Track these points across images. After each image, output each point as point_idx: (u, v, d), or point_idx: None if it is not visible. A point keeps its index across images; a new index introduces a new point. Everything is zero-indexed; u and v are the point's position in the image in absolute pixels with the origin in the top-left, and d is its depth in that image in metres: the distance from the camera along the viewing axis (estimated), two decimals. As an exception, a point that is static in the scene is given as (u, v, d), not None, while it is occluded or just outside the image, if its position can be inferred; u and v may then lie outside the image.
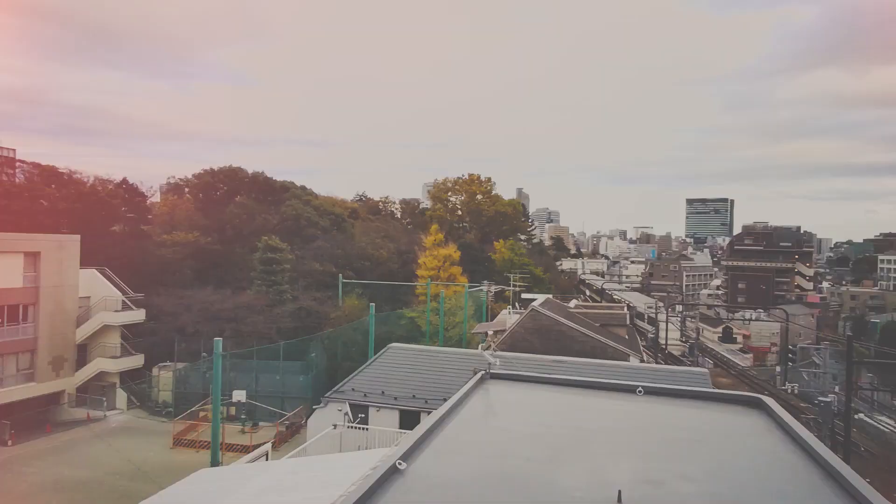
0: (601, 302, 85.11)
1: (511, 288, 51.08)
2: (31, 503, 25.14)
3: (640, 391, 7.54)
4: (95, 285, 42.71)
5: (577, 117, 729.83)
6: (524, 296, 48.86)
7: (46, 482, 27.37)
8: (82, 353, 41.49)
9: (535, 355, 21.10)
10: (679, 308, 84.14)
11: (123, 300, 43.17)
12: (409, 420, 17.20)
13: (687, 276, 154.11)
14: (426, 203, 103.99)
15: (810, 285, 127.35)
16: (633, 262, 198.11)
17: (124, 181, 61.80)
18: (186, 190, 69.05)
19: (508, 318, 36.34)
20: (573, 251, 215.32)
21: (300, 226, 59.67)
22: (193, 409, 36.58)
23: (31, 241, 38.96)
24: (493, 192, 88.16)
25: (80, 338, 40.82)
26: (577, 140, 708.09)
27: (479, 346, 32.95)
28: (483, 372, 10.28)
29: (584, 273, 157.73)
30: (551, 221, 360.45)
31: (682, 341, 73.67)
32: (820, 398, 30.86)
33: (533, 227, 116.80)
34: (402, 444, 6.76)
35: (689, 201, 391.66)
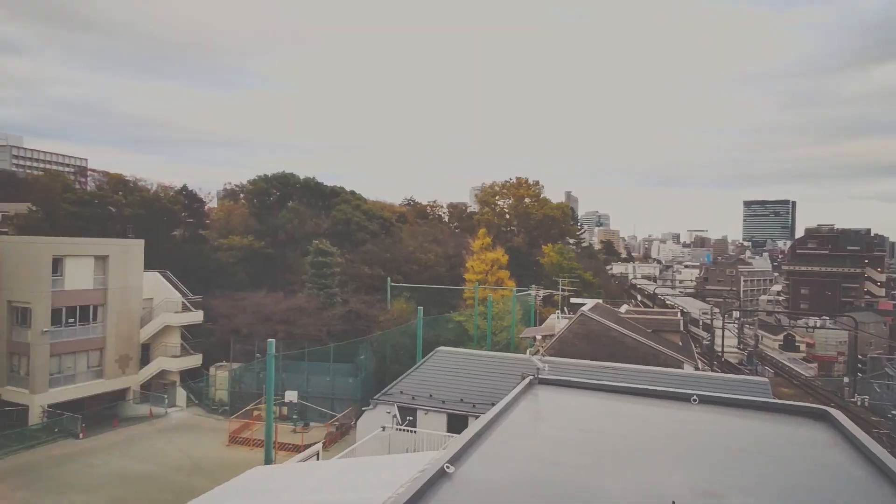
0: (653, 307, 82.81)
1: (560, 292, 50.41)
2: (99, 493, 26.50)
3: (694, 399, 7.30)
4: (158, 287, 44.73)
5: (626, 118, 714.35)
6: (573, 300, 48.10)
7: (113, 474, 28.81)
8: (145, 352, 43.49)
9: (584, 361, 20.72)
10: (736, 314, 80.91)
11: (183, 302, 45.04)
12: (456, 424, 17.19)
13: (745, 281, 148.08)
14: (474, 207, 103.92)
15: (882, 291, 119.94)
16: (686, 266, 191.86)
17: (184, 188, 64.65)
18: (241, 195, 71.55)
19: (557, 322, 35.84)
20: (624, 255, 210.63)
21: (350, 230, 60.73)
22: (248, 408, 37.73)
23: (100, 245, 41.23)
24: (542, 196, 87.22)
25: (143, 337, 42.81)
26: (626, 141, 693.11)
27: (527, 351, 32.64)
28: (531, 377, 10.18)
29: (635, 277, 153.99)
30: (601, 225, 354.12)
31: (739, 349, 70.82)
32: (894, 412, 29.05)
33: (582, 230, 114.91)
34: (450, 448, 6.77)
35: (747, 203, 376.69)
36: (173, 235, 58.80)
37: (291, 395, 36.68)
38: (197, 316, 44.87)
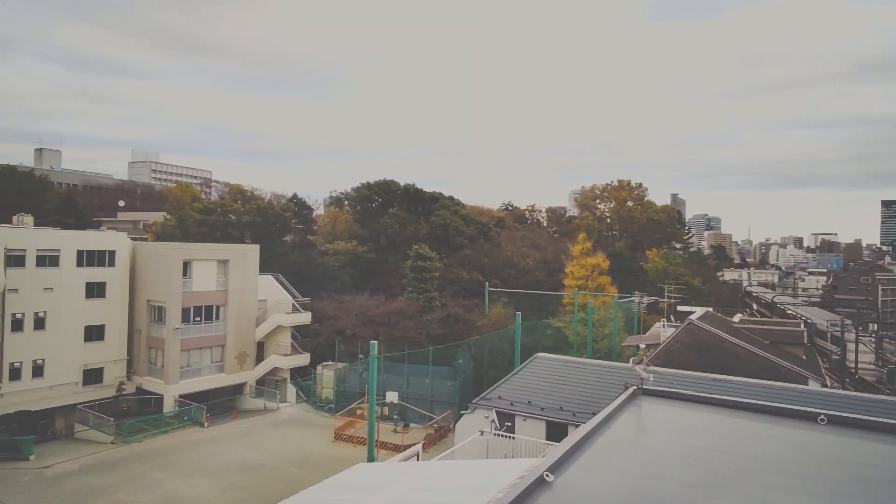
0: (771, 317, 76.44)
1: (665, 300, 48.01)
2: (222, 478, 28.80)
3: (822, 419, 6.67)
4: (271, 289, 47.93)
5: (738, 113, 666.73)
6: (680, 308, 45.62)
7: (233, 462, 31.20)
8: (259, 350, 46.70)
9: (692, 372, 19.55)
10: (873, 326, 72.57)
11: (293, 303, 47.93)
12: (555, 432, 16.87)
13: (883, 289, 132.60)
14: (573, 211, 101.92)
15: None
16: (810, 273, 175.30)
17: (294, 196, 68.86)
18: (346, 202, 74.91)
19: (662, 331, 34.15)
20: (737, 261, 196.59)
21: (448, 235, 61.64)
22: (351, 406, 39.36)
23: (222, 251, 44.94)
24: (645, 199, 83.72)
25: (258, 336, 46.01)
26: (739, 139, 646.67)
27: (630, 360, 31.39)
28: (635, 387, 9.81)
29: (749, 285, 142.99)
30: (711, 228, 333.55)
31: (877, 366, 63.43)
32: None
33: (689, 234, 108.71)
34: (550, 456, 6.66)
35: (886, 203, 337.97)
36: (284, 241, 62.68)
37: (392, 396, 37.76)
38: (305, 317, 47.53)
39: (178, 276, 41.03)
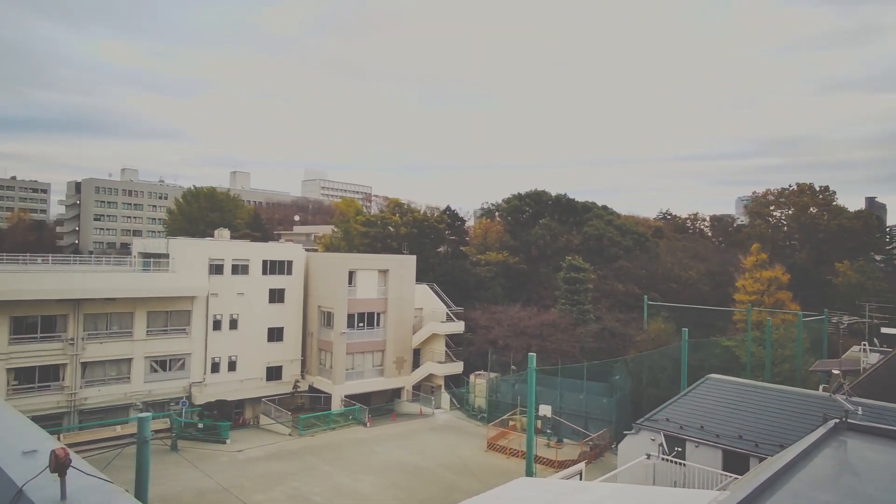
0: None
1: (866, 320, 41.57)
2: (384, 477, 30.50)
3: None
4: (426, 298, 50.01)
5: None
6: (884, 330, 39.19)
7: (392, 462, 32.90)
8: (416, 357, 48.89)
9: (909, 407, 16.54)
10: None
11: (447, 312, 49.49)
12: (734, 462, 15.24)
13: None
14: (742, 219, 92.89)
15: None
16: None
17: (447, 208, 71.33)
18: (497, 214, 75.86)
19: (863, 356, 29.56)
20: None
21: (602, 245, 59.57)
22: (504, 417, 39.46)
23: (382, 261, 47.95)
24: (833, 204, 73.46)
25: (415, 343, 48.19)
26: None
27: (820, 387, 27.70)
28: (837, 420, 8.62)
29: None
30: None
31: None
32: None
33: (893, 244, 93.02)
34: (737, 492, 6.04)
35: None
36: (438, 251, 65.10)
37: (545, 410, 37.20)
38: (459, 326, 48.82)
39: (344, 284, 44.54)
